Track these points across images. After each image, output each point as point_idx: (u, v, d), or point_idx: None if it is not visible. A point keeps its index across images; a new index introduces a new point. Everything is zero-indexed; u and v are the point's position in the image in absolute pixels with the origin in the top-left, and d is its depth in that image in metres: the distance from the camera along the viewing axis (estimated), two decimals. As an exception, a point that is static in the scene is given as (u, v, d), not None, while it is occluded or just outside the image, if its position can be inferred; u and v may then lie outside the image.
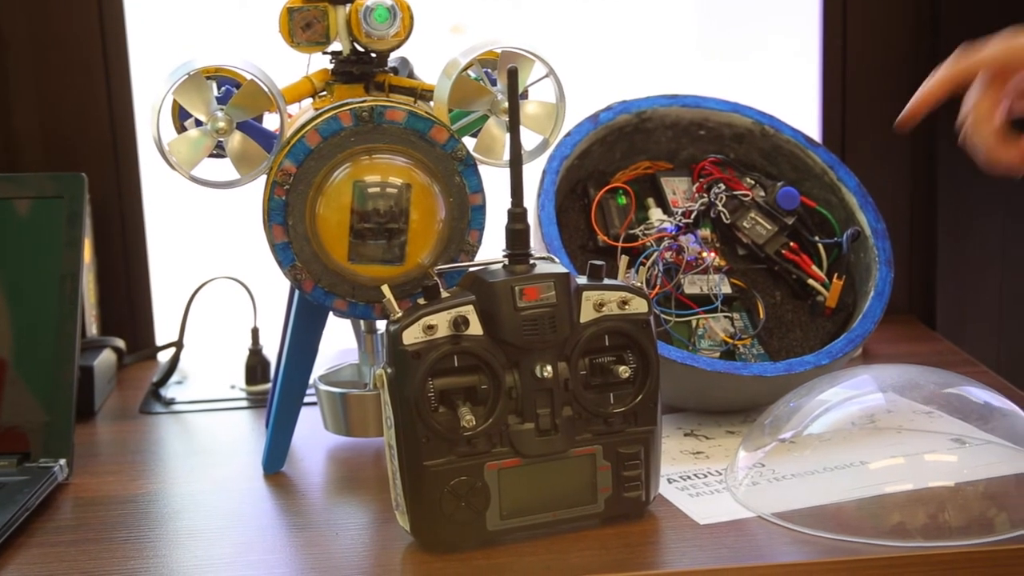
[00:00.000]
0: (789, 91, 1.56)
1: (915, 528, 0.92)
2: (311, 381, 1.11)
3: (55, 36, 1.45)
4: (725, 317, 1.19)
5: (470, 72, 1.05)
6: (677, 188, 1.24)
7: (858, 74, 1.55)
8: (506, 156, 1.01)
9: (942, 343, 1.46)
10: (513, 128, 0.94)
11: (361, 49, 1.05)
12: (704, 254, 1.18)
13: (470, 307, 0.91)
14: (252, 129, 1.05)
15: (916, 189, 1.58)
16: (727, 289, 1.19)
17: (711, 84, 1.34)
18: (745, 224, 1.22)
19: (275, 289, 1.19)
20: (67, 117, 1.47)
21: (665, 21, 1.57)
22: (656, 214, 1.22)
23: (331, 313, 1.06)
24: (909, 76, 1.55)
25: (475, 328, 0.91)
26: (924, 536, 0.92)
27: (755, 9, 1.58)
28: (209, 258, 1.50)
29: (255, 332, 1.36)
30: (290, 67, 1.08)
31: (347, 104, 1.01)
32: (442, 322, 0.91)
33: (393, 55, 1.08)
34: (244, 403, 1.32)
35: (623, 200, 1.22)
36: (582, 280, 0.95)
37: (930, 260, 1.58)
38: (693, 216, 1.20)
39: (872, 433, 1.00)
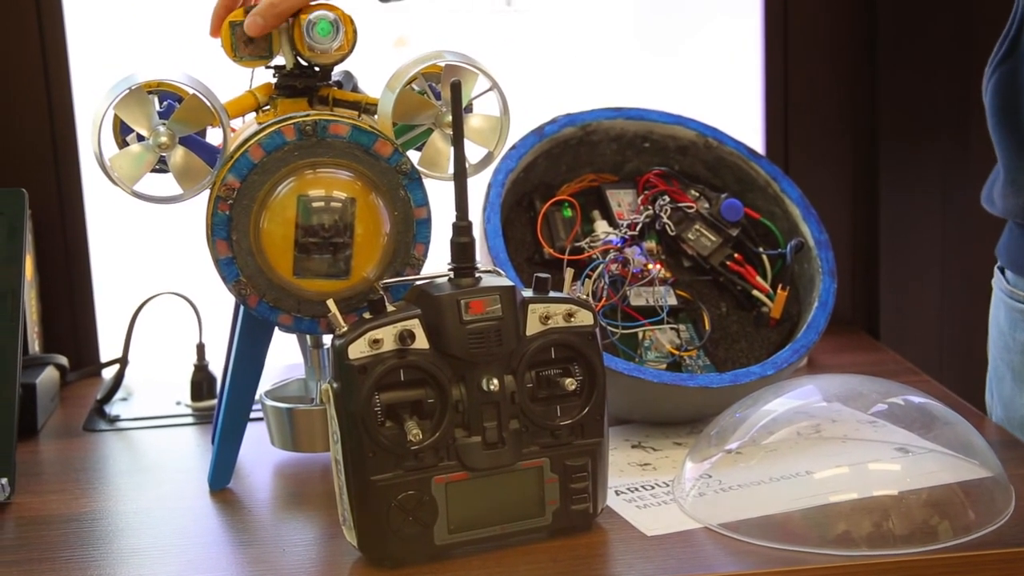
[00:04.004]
0: (732, 104, 1.57)
1: (860, 537, 0.93)
2: (257, 396, 1.10)
3: (-5, 50, 1.44)
4: (671, 329, 1.19)
5: (414, 86, 1.05)
6: (622, 200, 1.25)
7: (800, 86, 1.57)
8: (451, 169, 1.01)
9: (885, 352, 1.47)
10: (457, 141, 0.94)
11: (304, 63, 1.05)
12: (650, 266, 1.19)
13: (416, 321, 0.91)
14: (195, 144, 1.04)
15: (858, 200, 1.59)
16: (673, 301, 1.19)
17: (655, 96, 1.34)
18: (690, 236, 1.22)
19: (220, 304, 1.18)
20: (7, 132, 1.45)
21: (607, 32, 1.58)
22: (602, 226, 1.23)
23: (276, 328, 1.05)
24: (850, 89, 1.58)
25: (421, 342, 0.91)
26: (869, 545, 0.93)
27: (696, 23, 1.59)
28: (153, 273, 1.49)
29: (200, 348, 1.35)
30: (233, 81, 1.07)
31: (291, 118, 1.01)
32: (388, 336, 0.90)
33: (337, 69, 1.07)
34: (190, 419, 1.31)
35: (569, 212, 1.22)
36: (528, 293, 0.95)
37: (873, 270, 1.59)
38: (638, 228, 1.21)
39: (817, 443, 1.00)
